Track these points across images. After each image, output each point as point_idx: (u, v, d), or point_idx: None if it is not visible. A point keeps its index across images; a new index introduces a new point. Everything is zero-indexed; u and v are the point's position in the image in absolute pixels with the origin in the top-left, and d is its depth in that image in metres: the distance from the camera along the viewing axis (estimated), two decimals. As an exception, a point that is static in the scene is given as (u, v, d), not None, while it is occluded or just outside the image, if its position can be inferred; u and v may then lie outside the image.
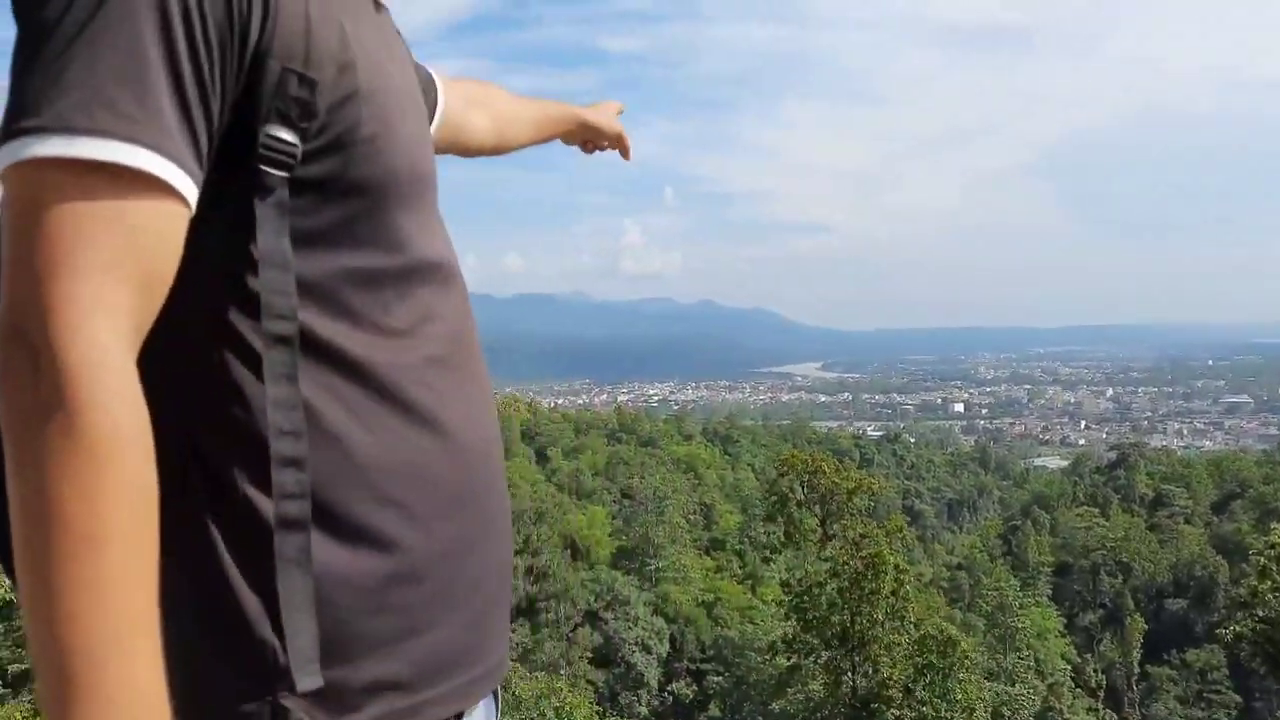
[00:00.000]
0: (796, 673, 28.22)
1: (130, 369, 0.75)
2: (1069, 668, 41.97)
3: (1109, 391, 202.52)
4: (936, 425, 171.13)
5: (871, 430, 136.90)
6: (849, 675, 25.69)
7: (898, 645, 24.87)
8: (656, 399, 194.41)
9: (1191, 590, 51.81)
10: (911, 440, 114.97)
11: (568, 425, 71.69)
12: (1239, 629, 27.12)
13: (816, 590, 25.80)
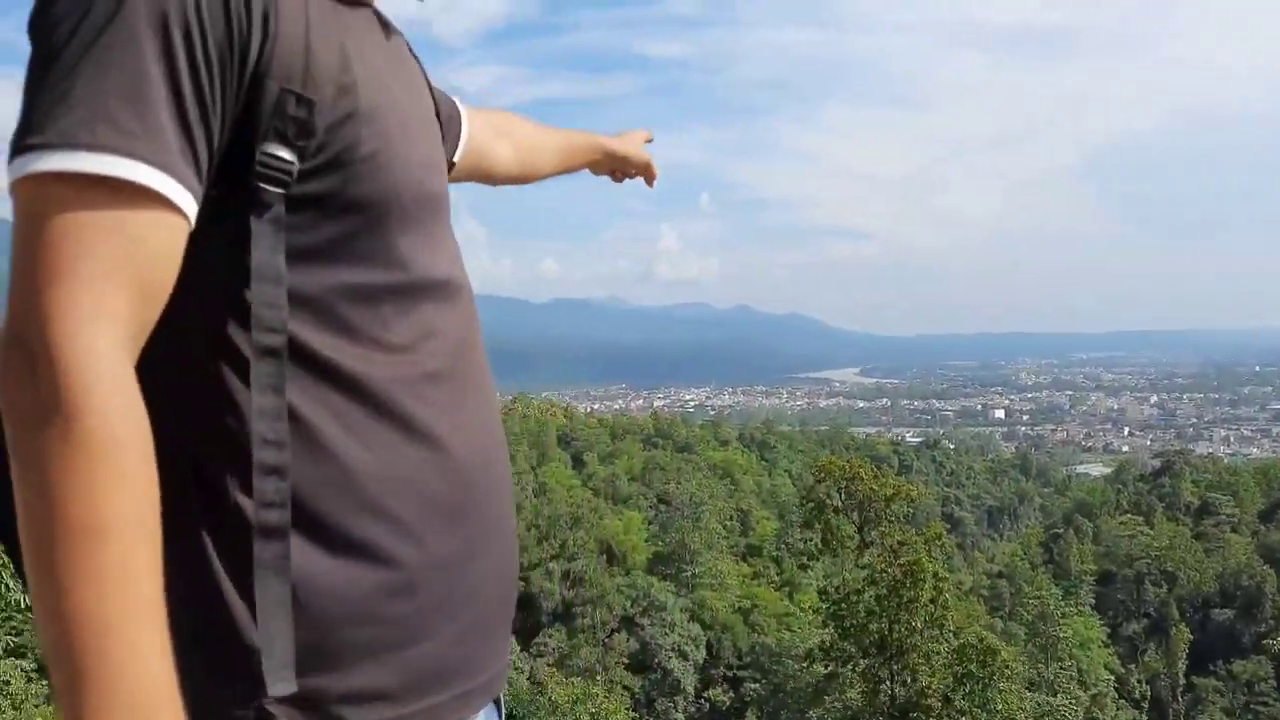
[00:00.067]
0: (834, 680, 28.12)
1: (126, 371, 0.77)
2: (1112, 678, 41.53)
3: (1153, 398, 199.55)
4: (977, 431, 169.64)
5: (911, 436, 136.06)
6: (887, 684, 25.49)
7: (937, 654, 24.68)
8: (693, 404, 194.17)
9: (1238, 600, 50.88)
10: (951, 447, 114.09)
11: (604, 430, 71.71)
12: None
13: (854, 598, 25.70)
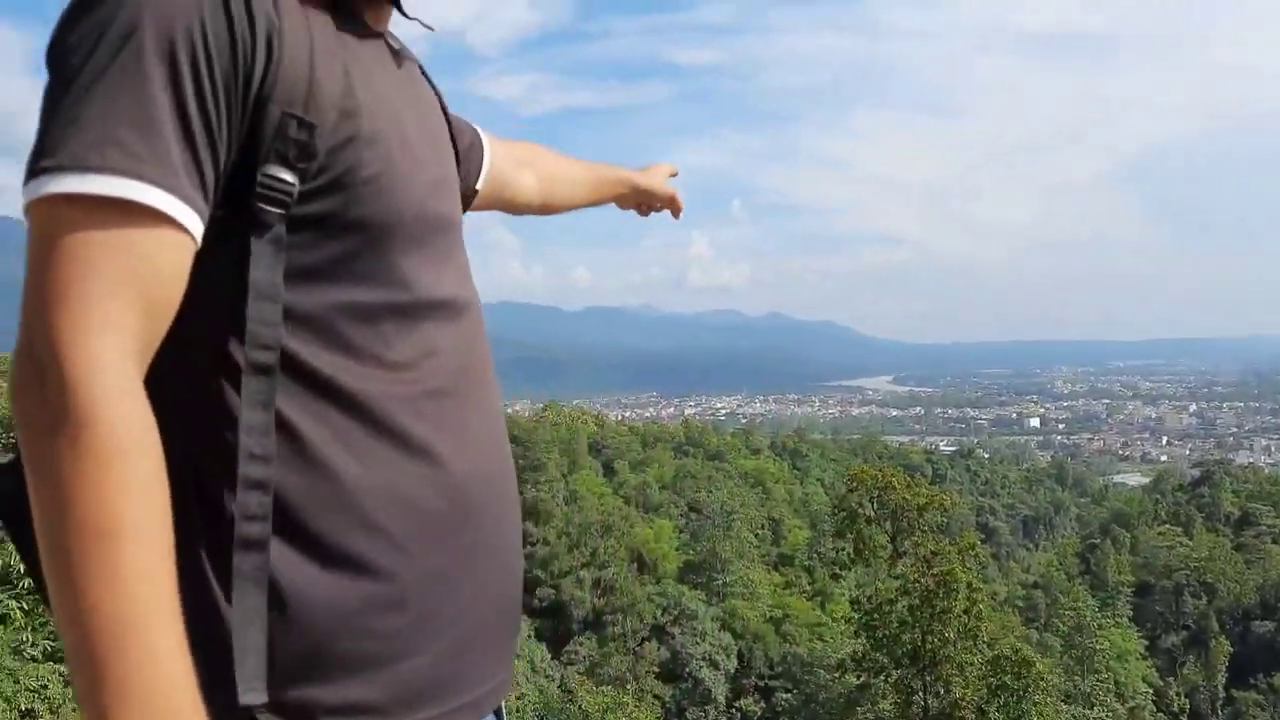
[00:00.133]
0: (866, 691, 27.92)
1: (134, 382, 0.80)
2: (1150, 691, 41.15)
3: (1192, 406, 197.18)
4: (1012, 440, 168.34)
5: (944, 445, 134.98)
6: (920, 695, 25.26)
7: (970, 665, 24.44)
8: (724, 412, 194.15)
9: (1279, 612, 50.15)
10: (986, 455, 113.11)
11: (635, 438, 71.48)
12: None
13: (887, 608, 25.51)
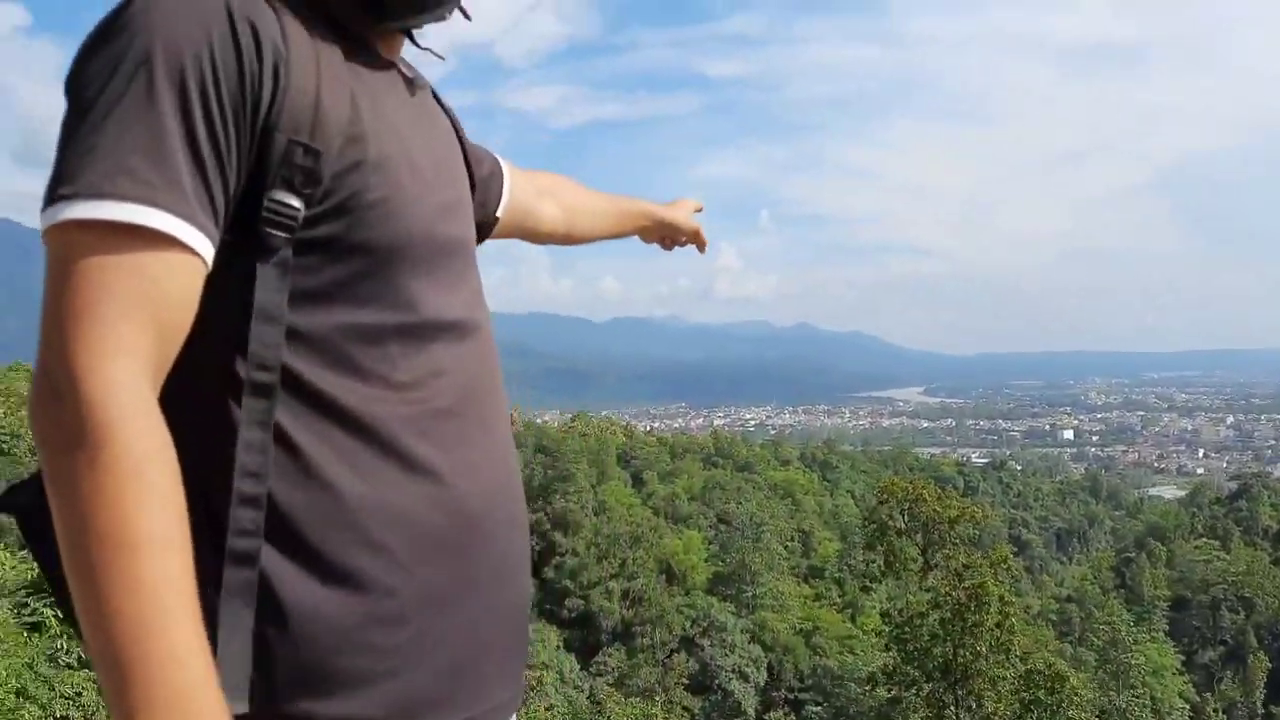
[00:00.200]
0: (897, 705, 27.71)
1: (148, 400, 0.83)
2: (1187, 707, 40.65)
3: (1229, 419, 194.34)
4: (1045, 452, 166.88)
5: (976, 457, 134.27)
6: (952, 709, 25.00)
7: (1003, 679, 24.17)
8: (753, 423, 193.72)
9: (1321, 629, 49.23)
10: (1018, 468, 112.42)
11: (663, 449, 71.40)
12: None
13: (918, 621, 25.33)
